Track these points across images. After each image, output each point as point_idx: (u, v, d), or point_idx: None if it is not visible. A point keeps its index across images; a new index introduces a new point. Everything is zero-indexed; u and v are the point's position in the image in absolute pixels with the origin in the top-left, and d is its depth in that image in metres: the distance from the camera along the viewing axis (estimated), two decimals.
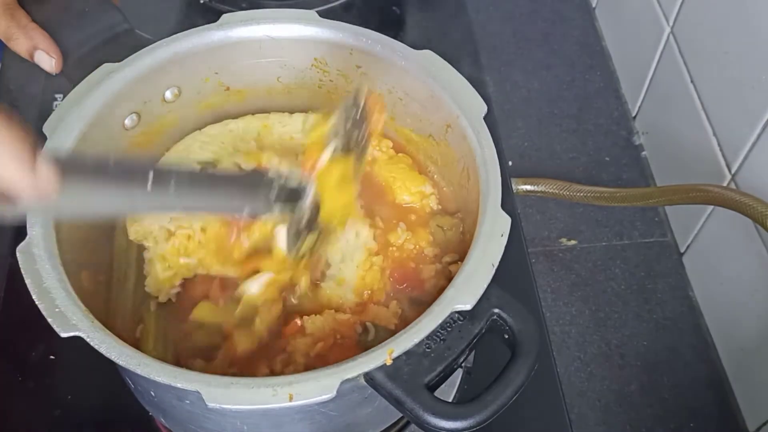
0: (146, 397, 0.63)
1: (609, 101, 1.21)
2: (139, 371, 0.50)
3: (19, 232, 0.56)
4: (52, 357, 0.75)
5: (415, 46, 0.69)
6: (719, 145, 0.95)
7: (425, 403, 0.50)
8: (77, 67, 0.68)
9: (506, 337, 0.55)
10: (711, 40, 0.96)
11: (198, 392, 0.49)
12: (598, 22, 1.30)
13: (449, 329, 0.54)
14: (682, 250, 1.06)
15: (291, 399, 0.49)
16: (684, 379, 0.96)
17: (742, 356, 0.94)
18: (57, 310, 0.53)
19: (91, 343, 0.51)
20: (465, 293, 0.54)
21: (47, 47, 0.67)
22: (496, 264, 0.55)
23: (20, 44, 0.67)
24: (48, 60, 0.67)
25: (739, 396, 0.94)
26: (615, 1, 1.25)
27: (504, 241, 0.56)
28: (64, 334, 0.52)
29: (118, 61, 0.66)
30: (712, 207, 0.97)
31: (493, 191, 0.59)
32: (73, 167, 0.49)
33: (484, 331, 0.54)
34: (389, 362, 0.51)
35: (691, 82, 1.01)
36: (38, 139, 0.80)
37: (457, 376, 0.75)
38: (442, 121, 0.68)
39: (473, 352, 0.72)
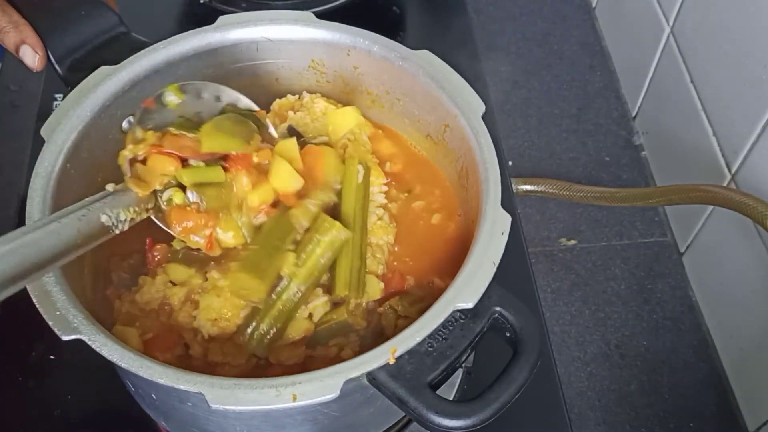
0: (147, 400, 0.63)
1: (609, 101, 1.21)
2: (141, 373, 0.50)
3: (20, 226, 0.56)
4: (52, 357, 0.75)
5: (415, 46, 0.69)
6: (719, 145, 0.95)
7: (428, 402, 0.50)
8: (75, 70, 0.68)
9: (508, 335, 0.55)
10: (711, 40, 0.96)
11: (201, 394, 0.49)
12: (598, 22, 1.30)
13: (451, 328, 0.54)
14: (682, 250, 1.06)
15: (294, 399, 0.49)
16: (684, 379, 0.96)
17: (742, 356, 0.94)
18: (57, 313, 0.52)
19: (93, 346, 0.51)
20: (466, 292, 0.54)
21: (34, 43, 0.67)
22: (497, 262, 0.55)
23: (9, 37, 0.67)
24: (32, 55, 0.68)
25: (739, 396, 0.94)
26: (615, 1, 1.25)
27: (505, 239, 0.56)
28: (65, 338, 0.51)
29: (116, 63, 0.66)
30: (712, 207, 0.97)
31: (493, 190, 0.59)
32: None
33: (485, 329, 0.54)
34: (392, 361, 0.51)
35: (691, 82, 1.01)
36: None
37: (457, 375, 0.75)
38: (440, 121, 0.68)
39: (474, 352, 0.72)
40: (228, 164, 0.59)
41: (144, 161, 0.59)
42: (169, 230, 0.59)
